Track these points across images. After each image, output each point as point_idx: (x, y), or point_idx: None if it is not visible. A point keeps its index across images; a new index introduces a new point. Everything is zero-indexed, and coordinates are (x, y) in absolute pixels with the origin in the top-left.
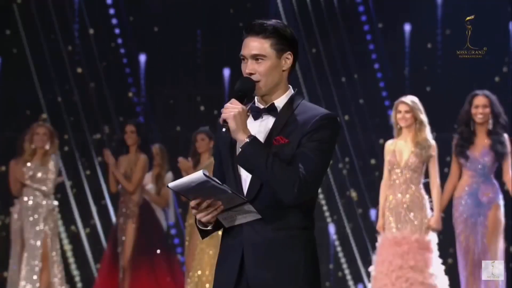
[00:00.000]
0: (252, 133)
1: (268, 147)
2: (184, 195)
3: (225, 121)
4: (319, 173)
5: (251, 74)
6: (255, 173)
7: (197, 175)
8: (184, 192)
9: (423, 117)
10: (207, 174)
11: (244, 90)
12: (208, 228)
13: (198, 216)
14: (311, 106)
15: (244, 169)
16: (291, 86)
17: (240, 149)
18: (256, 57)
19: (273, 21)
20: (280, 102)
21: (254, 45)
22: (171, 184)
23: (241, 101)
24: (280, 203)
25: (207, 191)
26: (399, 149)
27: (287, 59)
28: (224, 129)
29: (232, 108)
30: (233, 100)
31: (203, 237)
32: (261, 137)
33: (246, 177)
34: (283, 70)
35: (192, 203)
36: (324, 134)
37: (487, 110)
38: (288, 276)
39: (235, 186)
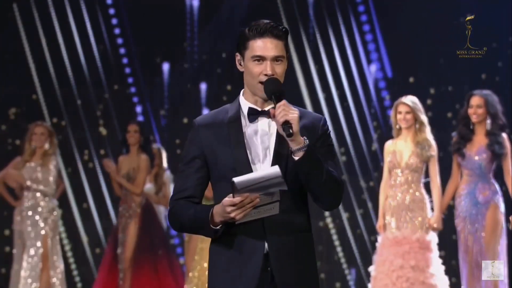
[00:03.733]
0: (259, 134)
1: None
2: (240, 191)
3: (287, 122)
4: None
5: (272, 75)
6: (313, 176)
7: (274, 170)
8: (245, 188)
9: (424, 117)
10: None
11: (280, 90)
12: (219, 226)
13: (234, 214)
14: (300, 108)
15: (305, 171)
16: None
17: (302, 152)
18: (276, 58)
19: (275, 22)
20: None
21: (275, 46)
22: (237, 179)
23: (280, 101)
24: (300, 206)
25: (265, 187)
26: (399, 150)
27: (287, 61)
28: (286, 131)
29: (292, 111)
30: (285, 102)
31: (214, 237)
32: (267, 139)
33: None
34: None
35: (237, 199)
36: (330, 138)
37: (481, 110)
38: (311, 278)
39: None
